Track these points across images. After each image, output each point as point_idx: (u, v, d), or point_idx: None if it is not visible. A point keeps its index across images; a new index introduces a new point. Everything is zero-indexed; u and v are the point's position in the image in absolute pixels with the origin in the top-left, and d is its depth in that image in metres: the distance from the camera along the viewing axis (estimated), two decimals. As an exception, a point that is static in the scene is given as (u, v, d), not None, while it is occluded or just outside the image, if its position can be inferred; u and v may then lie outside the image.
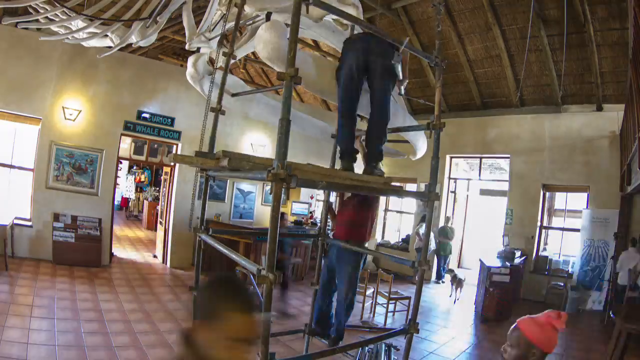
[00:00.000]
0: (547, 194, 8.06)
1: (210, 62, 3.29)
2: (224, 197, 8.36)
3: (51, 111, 6.49)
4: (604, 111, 7.27)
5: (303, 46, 8.14)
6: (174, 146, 7.84)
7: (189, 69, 3.18)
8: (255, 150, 8.53)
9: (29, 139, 6.60)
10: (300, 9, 1.68)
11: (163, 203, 8.36)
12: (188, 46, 3.40)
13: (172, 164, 7.73)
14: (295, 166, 1.67)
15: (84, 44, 4.80)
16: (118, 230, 10.45)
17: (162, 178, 9.18)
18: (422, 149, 3.66)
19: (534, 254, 7.84)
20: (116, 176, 7.55)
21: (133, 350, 3.84)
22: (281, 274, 4.69)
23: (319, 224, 5.90)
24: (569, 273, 7.33)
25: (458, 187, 10.04)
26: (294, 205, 10.91)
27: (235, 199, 8.55)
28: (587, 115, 7.48)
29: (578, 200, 7.78)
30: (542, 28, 6.94)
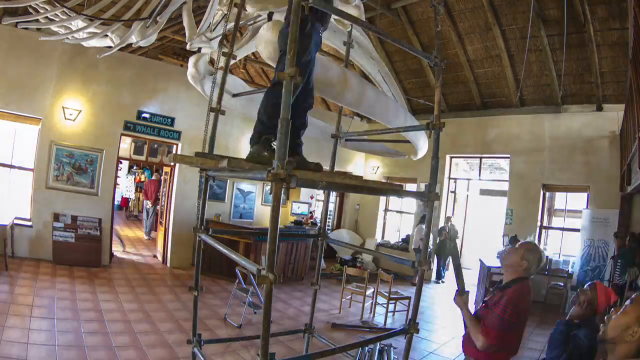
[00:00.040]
0: (547, 194, 8.06)
1: (211, 63, 3.29)
2: (224, 197, 8.37)
3: (51, 111, 6.50)
4: (604, 111, 7.27)
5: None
6: (174, 146, 7.84)
7: (190, 69, 3.18)
8: (256, 150, 8.52)
9: (29, 139, 6.60)
10: (300, 9, 1.68)
11: (163, 203, 8.37)
12: (188, 46, 3.40)
13: (172, 164, 7.73)
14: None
15: (84, 44, 4.80)
16: (118, 230, 10.43)
17: (163, 178, 9.18)
18: (424, 149, 3.66)
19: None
20: (116, 176, 7.56)
21: (133, 350, 3.84)
22: None
23: (319, 224, 5.90)
24: (569, 273, 7.33)
25: (458, 187, 10.04)
26: (294, 205, 10.93)
27: (235, 199, 8.56)
28: (587, 115, 7.48)
29: (578, 200, 7.77)
30: (542, 28, 6.94)
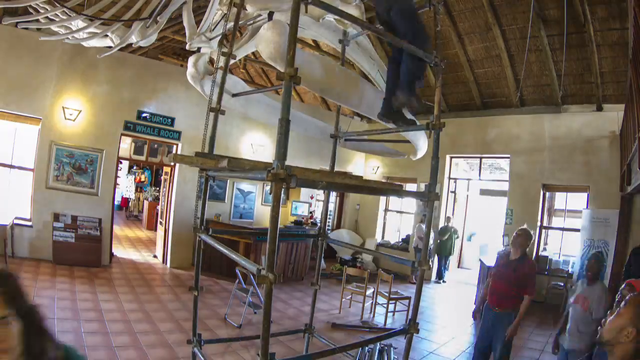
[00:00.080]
0: (547, 193, 8.06)
1: (210, 62, 3.29)
2: (224, 197, 8.37)
3: (51, 111, 6.50)
4: (604, 111, 7.26)
5: (303, 46, 8.14)
6: (174, 146, 7.85)
7: (190, 68, 3.18)
8: (255, 150, 8.54)
9: (29, 139, 6.60)
10: (300, 9, 1.68)
11: (163, 203, 8.37)
12: (188, 46, 3.40)
13: (172, 164, 7.73)
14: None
15: (84, 44, 4.80)
16: (118, 230, 10.45)
17: (162, 178, 9.18)
18: (423, 149, 3.65)
19: (534, 254, 7.82)
20: (116, 176, 7.56)
21: (133, 350, 3.84)
22: None
23: (319, 224, 5.90)
24: (569, 273, 7.32)
25: (458, 187, 10.04)
26: (294, 205, 10.93)
27: (235, 199, 8.56)
28: (587, 115, 7.48)
29: (578, 200, 7.77)
30: (542, 28, 6.94)
